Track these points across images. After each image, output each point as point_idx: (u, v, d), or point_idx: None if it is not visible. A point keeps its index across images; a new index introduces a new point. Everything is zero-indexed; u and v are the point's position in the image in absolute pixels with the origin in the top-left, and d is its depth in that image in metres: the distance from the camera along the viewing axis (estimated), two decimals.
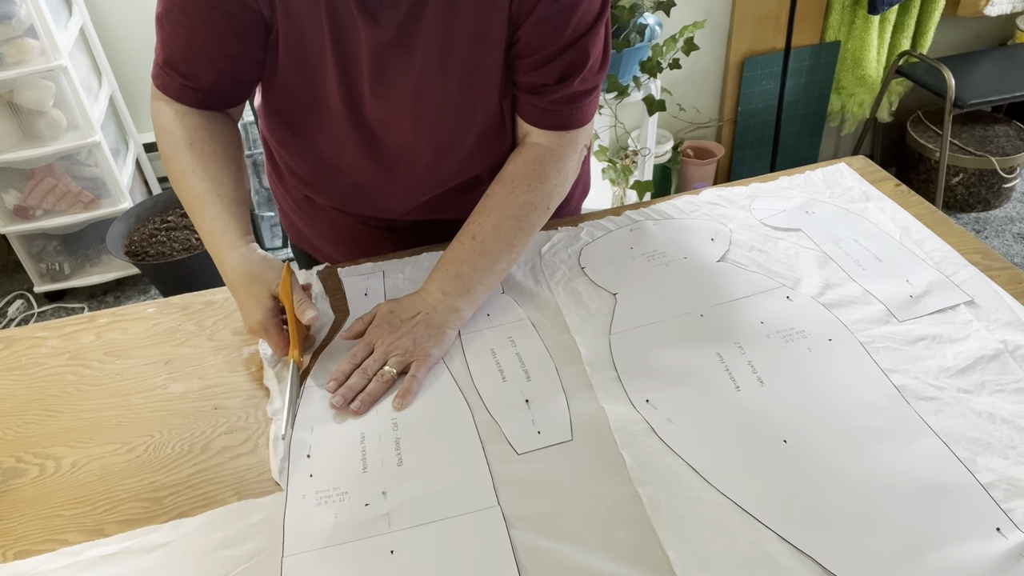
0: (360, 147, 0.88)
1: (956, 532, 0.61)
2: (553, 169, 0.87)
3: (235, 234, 0.82)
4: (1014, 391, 0.73)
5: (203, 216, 0.83)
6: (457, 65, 0.81)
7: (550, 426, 0.73)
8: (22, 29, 1.90)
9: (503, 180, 0.87)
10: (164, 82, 0.84)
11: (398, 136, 0.87)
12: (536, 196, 0.86)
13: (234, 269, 0.81)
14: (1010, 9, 2.47)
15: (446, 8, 0.77)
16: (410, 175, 0.91)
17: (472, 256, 0.84)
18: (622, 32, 1.85)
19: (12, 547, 0.67)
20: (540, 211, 0.87)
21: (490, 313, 0.87)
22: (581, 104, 0.85)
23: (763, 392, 0.75)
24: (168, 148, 0.85)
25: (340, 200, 0.97)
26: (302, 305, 0.79)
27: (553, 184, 0.87)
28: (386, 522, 0.65)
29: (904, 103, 2.62)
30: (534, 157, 0.86)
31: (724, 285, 0.89)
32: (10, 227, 2.18)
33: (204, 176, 0.83)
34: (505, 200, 0.85)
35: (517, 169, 0.86)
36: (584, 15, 0.78)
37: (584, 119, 0.87)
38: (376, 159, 0.89)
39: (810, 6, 2.32)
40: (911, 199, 1.03)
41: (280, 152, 0.95)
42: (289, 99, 0.86)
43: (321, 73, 0.82)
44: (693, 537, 0.63)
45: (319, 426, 0.75)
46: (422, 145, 0.88)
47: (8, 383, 0.84)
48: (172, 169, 0.85)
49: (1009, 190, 2.56)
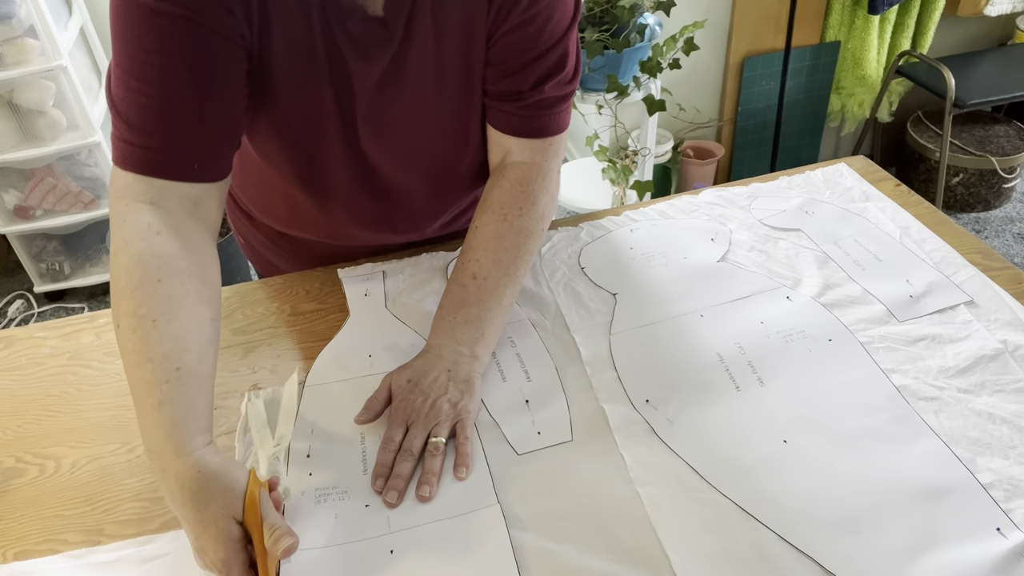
0: (358, 185, 0.85)
1: (956, 532, 0.61)
2: (541, 187, 0.82)
3: (189, 432, 0.60)
4: (1014, 391, 0.73)
5: (150, 398, 0.60)
6: (449, 90, 0.79)
7: (550, 426, 0.73)
8: (22, 29, 1.90)
9: (492, 208, 0.81)
10: (125, 152, 0.66)
11: (397, 167, 0.85)
12: (530, 220, 0.81)
13: (182, 484, 0.58)
14: (1010, 9, 2.47)
15: (433, 32, 0.74)
16: (411, 205, 0.90)
17: (478, 297, 0.78)
18: (622, 32, 1.85)
19: (12, 547, 0.67)
20: (536, 235, 0.82)
21: None
22: (558, 110, 0.82)
23: (763, 392, 0.75)
24: (124, 279, 0.63)
25: (329, 236, 0.95)
26: (276, 533, 0.58)
27: (544, 204, 0.83)
28: (386, 522, 0.65)
29: (904, 103, 2.62)
30: (520, 178, 0.82)
31: (724, 285, 0.89)
32: (10, 227, 2.18)
33: (164, 336, 0.62)
34: (499, 230, 0.80)
35: (505, 195, 0.81)
36: (559, 22, 0.76)
37: (562, 125, 0.83)
38: (373, 194, 0.87)
39: (810, 6, 2.32)
40: (911, 199, 1.03)
41: (255, 197, 0.91)
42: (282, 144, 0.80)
43: (319, 113, 0.77)
44: (693, 537, 0.63)
45: (319, 426, 0.75)
46: (421, 173, 0.86)
47: (8, 383, 0.84)
48: (120, 313, 0.63)
49: (1009, 190, 2.56)
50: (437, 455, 0.69)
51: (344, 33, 0.72)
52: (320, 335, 0.87)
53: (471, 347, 0.76)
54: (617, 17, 1.83)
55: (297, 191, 0.87)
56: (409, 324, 0.87)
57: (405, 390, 0.74)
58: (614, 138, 2.37)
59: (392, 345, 0.84)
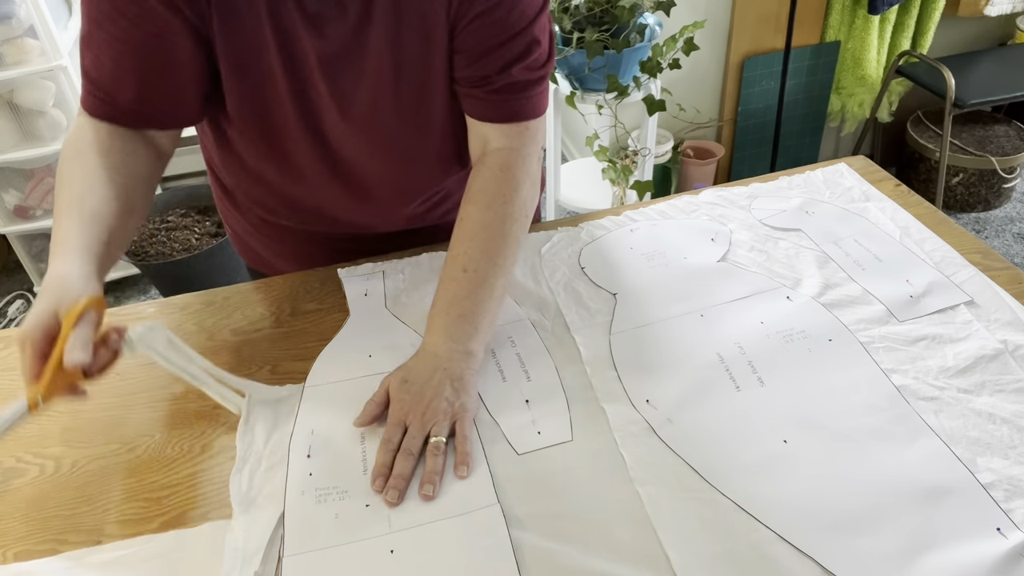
0: (323, 167, 0.86)
1: (956, 532, 0.61)
2: (523, 173, 0.82)
3: (74, 244, 0.69)
4: (1014, 391, 0.73)
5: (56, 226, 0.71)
6: (409, 72, 0.79)
7: (550, 426, 0.73)
8: (22, 29, 1.90)
9: (475, 199, 0.81)
10: (86, 100, 0.76)
11: (360, 152, 0.85)
12: (515, 207, 0.81)
13: (51, 275, 0.67)
14: (1010, 9, 2.47)
15: (393, 15, 0.74)
16: (377, 192, 0.90)
17: (470, 291, 0.78)
18: (622, 32, 1.85)
19: (12, 547, 0.67)
20: (521, 221, 0.82)
21: None
22: (532, 94, 0.81)
23: (763, 392, 0.75)
24: (65, 154, 0.76)
25: (305, 221, 0.95)
26: (75, 344, 0.62)
27: (527, 189, 0.83)
28: (386, 522, 0.65)
29: (904, 103, 2.62)
30: (500, 165, 0.82)
31: (724, 285, 0.89)
32: (10, 227, 2.18)
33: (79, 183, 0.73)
34: (484, 219, 0.80)
35: (487, 184, 0.82)
36: (527, 7, 0.76)
37: (538, 109, 0.83)
38: (339, 177, 0.87)
39: (810, 6, 2.32)
40: (911, 199, 1.03)
41: (233, 178, 0.92)
42: (244, 122, 0.81)
43: (272, 89, 0.78)
44: (693, 537, 0.63)
45: (319, 427, 0.75)
46: (385, 158, 0.86)
47: (8, 383, 0.84)
48: (59, 175, 0.75)
49: (1009, 190, 2.56)
50: (439, 454, 0.70)
51: (299, 8, 0.73)
52: (320, 335, 0.87)
53: (465, 343, 0.76)
54: (617, 17, 1.83)
55: (268, 172, 0.88)
56: (409, 324, 0.87)
57: (401, 391, 0.74)
58: (614, 138, 2.37)
59: (392, 345, 0.84)
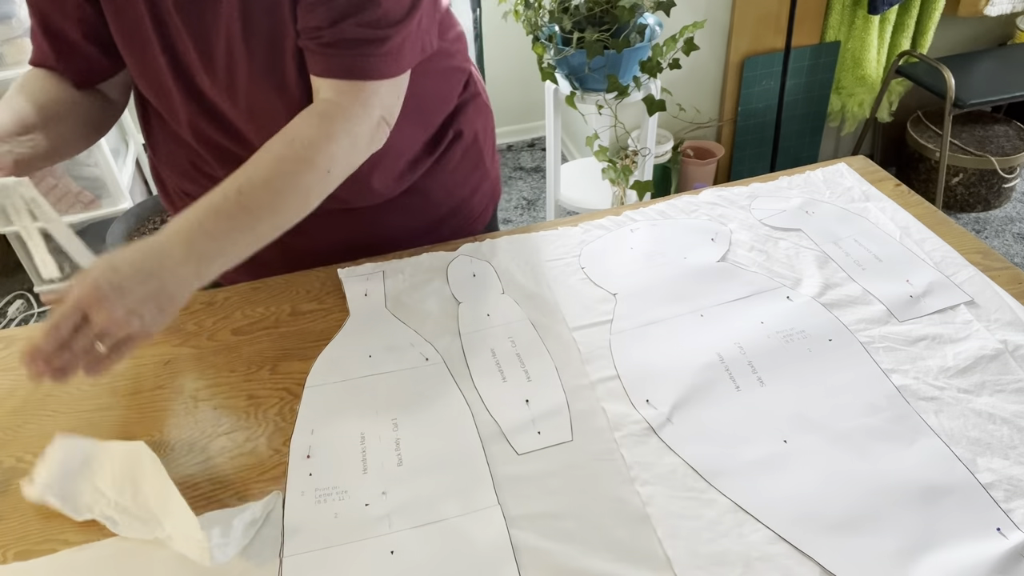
0: (204, 124, 0.87)
1: (956, 532, 0.61)
2: (342, 128, 0.76)
3: None
4: (1014, 391, 0.73)
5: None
6: (258, 26, 0.77)
7: (550, 426, 0.73)
8: (22, 29, 1.90)
9: (284, 133, 0.76)
10: (32, 52, 0.84)
11: (232, 113, 0.85)
12: (317, 154, 0.75)
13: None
14: (1010, 9, 2.47)
15: None
16: None
17: (233, 214, 0.71)
18: (622, 32, 1.85)
19: (12, 547, 0.67)
20: (319, 174, 0.75)
21: (490, 313, 0.87)
22: (368, 53, 0.76)
23: (763, 392, 0.75)
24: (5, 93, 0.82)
25: None
26: None
27: (339, 146, 0.76)
28: (386, 522, 0.65)
29: (904, 103, 2.62)
30: (320, 112, 0.77)
31: (724, 285, 0.89)
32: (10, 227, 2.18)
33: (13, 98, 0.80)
34: (282, 153, 0.74)
35: (301, 123, 0.76)
36: None
37: (375, 71, 0.77)
38: (230, 142, 0.88)
39: (810, 6, 2.32)
40: (911, 199, 1.03)
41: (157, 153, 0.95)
42: (141, 86, 0.87)
43: (149, 46, 0.81)
44: (693, 537, 0.63)
45: (319, 427, 0.75)
46: (248, 119, 0.84)
47: (8, 383, 0.84)
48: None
49: (1009, 190, 2.56)
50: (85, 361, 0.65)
51: None
52: (320, 335, 0.87)
53: (200, 265, 0.68)
54: (617, 17, 1.83)
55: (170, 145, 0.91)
56: (409, 324, 0.87)
57: (104, 278, 0.64)
58: (614, 138, 2.37)
59: (392, 345, 0.84)
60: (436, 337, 0.85)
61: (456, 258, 0.97)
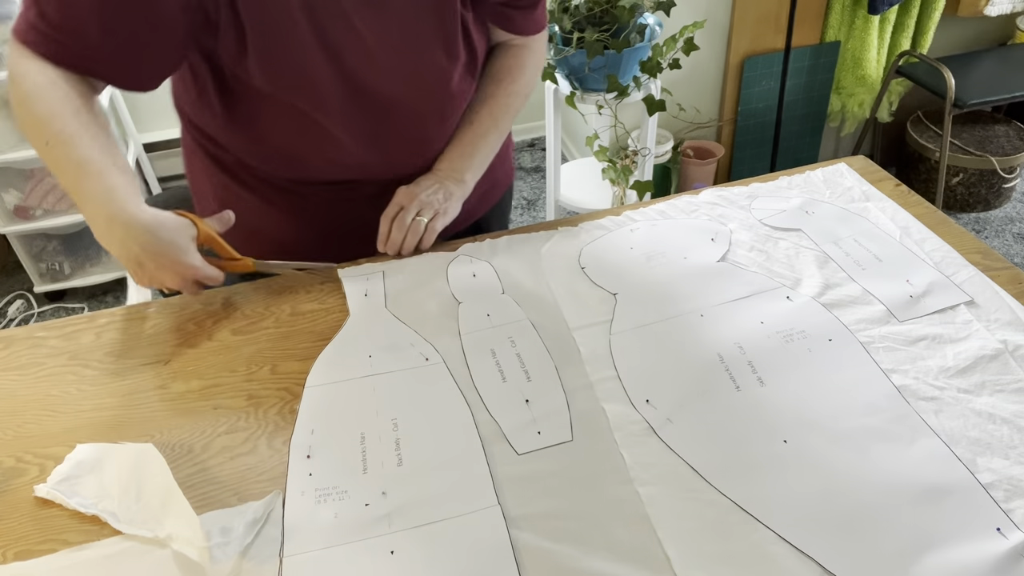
0: (346, 94, 0.88)
1: (956, 532, 0.61)
2: (531, 60, 1.04)
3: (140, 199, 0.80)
4: (1014, 391, 0.73)
5: (97, 182, 0.77)
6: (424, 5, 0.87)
7: (550, 426, 0.73)
8: None
9: (492, 75, 1.01)
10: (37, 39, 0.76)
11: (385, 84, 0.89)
12: (518, 85, 1.02)
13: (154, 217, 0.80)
14: (1010, 9, 2.47)
15: None
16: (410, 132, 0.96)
17: (472, 139, 1.00)
18: (622, 32, 1.85)
19: (12, 547, 0.67)
20: (520, 98, 1.04)
21: (490, 313, 0.87)
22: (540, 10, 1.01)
23: (763, 392, 0.75)
24: (43, 111, 0.77)
25: (323, 170, 0.97)
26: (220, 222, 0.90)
27: (531, 75, 1.05)
28: (386, 522, 0.65)
29: (904, 103, 2.62)
30: (516, 53, 1.02)
31: (724, 285, 0.89)
32: (10, 227, 2.18)
33: (94, 145, 0.78)
34: (493, 92, 1.01)
35: (504, 64, 1.02)
36: None
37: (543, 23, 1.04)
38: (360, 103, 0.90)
39: (810, 6, 2.32)
40: (911, 199, 1.03)
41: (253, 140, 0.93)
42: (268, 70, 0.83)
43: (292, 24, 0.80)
44: (693, 537, 0.63)
45: (319, 427, 0.75)
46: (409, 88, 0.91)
47: (8, 383, 0.84)
48: (51, 132, 0.77)
49: (1009, 190, 2.56)
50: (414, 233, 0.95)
51: None
52: (320, 335, 0.87)
53: (462, 174, 0.99)
54: (617, 17, 1.83)
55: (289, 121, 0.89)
56: (409, 324, 0.87)
57: (409, 189, 0.96)
58: (614, 138, 2.37)
59: (392, 345, 0.84)
60: (436, 337, 0.85)
61: (456, 258, 0.97)
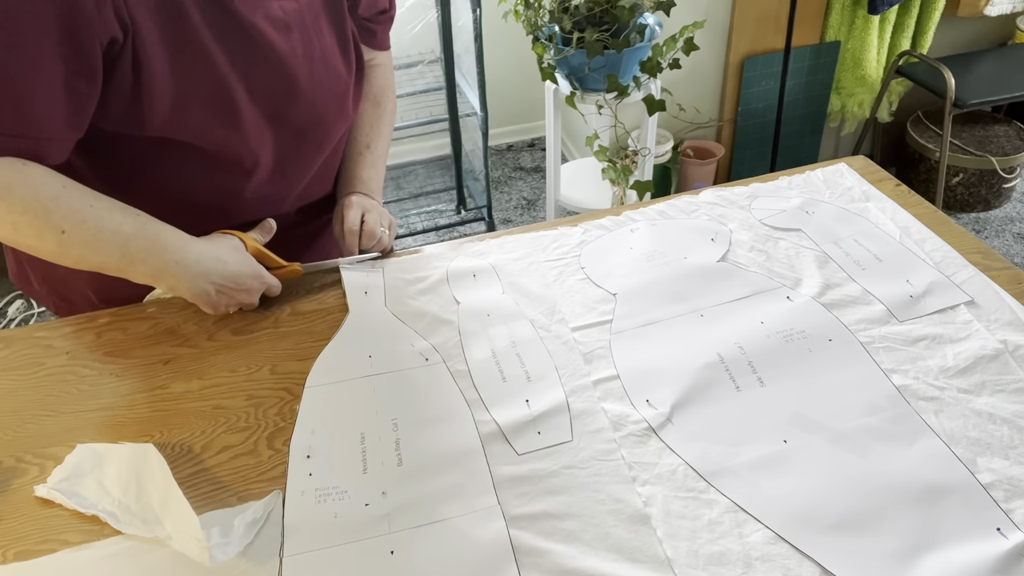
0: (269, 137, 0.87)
1: (956, 532, 0.61)
2: (392, 82, 1.14)
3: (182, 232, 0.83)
4: (1014, 391, 0.73)
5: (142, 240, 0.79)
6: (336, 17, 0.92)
7: (550, 426, 0.73)
8: None
9: (371, 97, 1.09)
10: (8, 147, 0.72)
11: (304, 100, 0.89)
12: (391, 102, 1.12)
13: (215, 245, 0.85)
14: (1010, 9, 2.47)
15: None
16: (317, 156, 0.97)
17: (373, 161, 1.06)
18: (622, 32, 1.85)
19: (12, 547, 0.67)
20: (392, 110, 1.13)
21: (490, 313, 0.87)
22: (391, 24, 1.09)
23: (763, 392, 0.75)
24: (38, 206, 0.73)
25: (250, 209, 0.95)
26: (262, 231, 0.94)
27: (393, 93, 1.14)
28: (386, 522, 0.65)
29: (904, 103, 2.62)
30: (383, 74, 1.11)
31: (724, 285, 0.89)
32: None
33: (109, 206, 0.78)
34: (377, 112, 1.09)
35: (377, 85, 1.10)
36: None
37: None
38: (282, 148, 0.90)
39: (810, 6, 2.32)
40: (911, 199, 1.03)
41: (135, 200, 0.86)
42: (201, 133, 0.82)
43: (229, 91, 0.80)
44: (693, 537, 0.63)
45: (319, 427, 0.75)
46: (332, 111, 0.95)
47: (8, 383, 0.84)
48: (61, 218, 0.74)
49: (1009, 190, 2.56)
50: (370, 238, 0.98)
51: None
52: (320, 335, 0.87)
53: (379, 192, 1.07)
54: (617, 17, 1.83)
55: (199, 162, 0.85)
56: (409, 324, 0.87)
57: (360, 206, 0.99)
58: (614, 138, 2.37)
59: (392, 345, 0.84)
60: (436, 337, 0.85)
61: (456, 258, 0.97)
